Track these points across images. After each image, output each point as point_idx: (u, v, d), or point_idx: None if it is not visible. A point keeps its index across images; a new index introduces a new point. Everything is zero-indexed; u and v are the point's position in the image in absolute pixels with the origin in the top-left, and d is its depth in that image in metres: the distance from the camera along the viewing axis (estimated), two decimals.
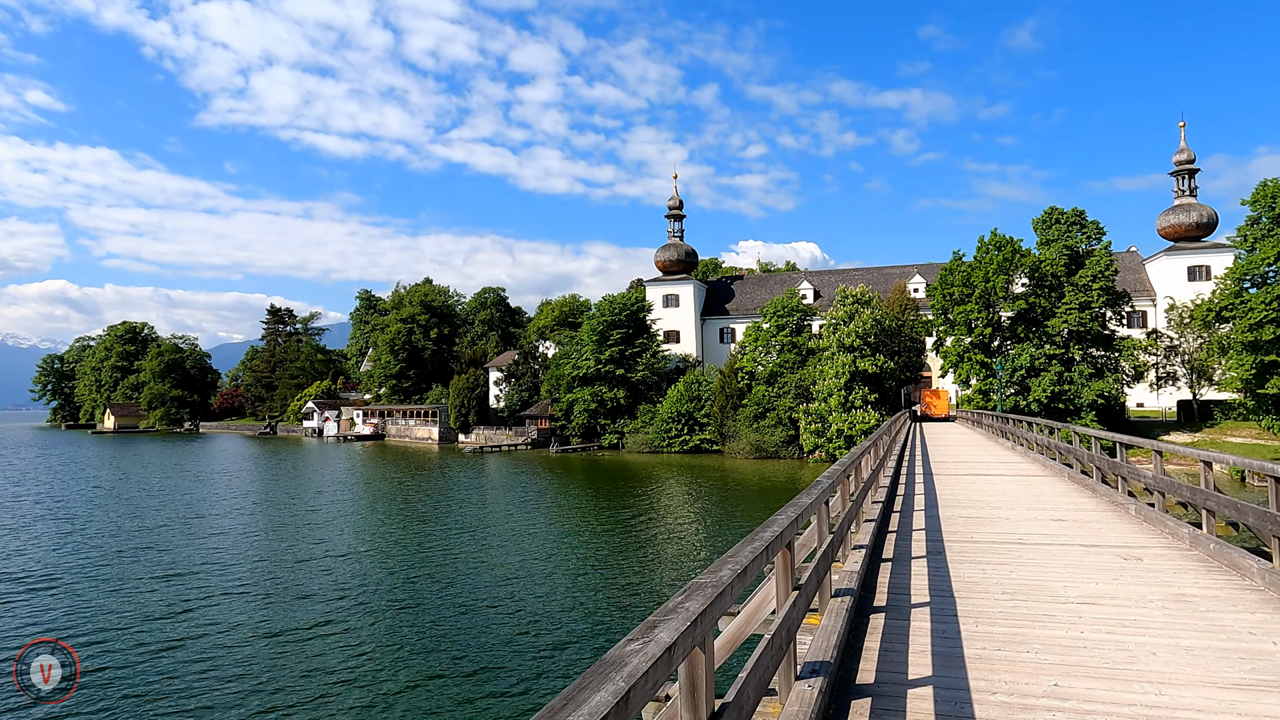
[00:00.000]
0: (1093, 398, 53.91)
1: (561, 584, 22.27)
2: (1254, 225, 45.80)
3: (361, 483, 52.01)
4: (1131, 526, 10.14)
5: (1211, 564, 7.80)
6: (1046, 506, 12.20)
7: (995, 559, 8.31)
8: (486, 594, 20.97)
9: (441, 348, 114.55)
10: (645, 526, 32.37)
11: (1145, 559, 8.15)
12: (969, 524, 10.58)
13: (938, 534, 9.79)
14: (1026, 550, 8.75)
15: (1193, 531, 8.79)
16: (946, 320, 60.56)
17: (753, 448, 64.29)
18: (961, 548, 8.91)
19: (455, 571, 23.99)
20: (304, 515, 36.47)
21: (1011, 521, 10.76)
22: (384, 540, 29.81)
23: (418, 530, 31.95)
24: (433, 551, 27.29)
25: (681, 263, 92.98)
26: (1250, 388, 44.47)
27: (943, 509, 11.94)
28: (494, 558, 26.00)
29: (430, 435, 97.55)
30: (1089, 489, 13.87)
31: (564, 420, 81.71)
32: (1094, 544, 9.01)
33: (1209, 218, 77.57)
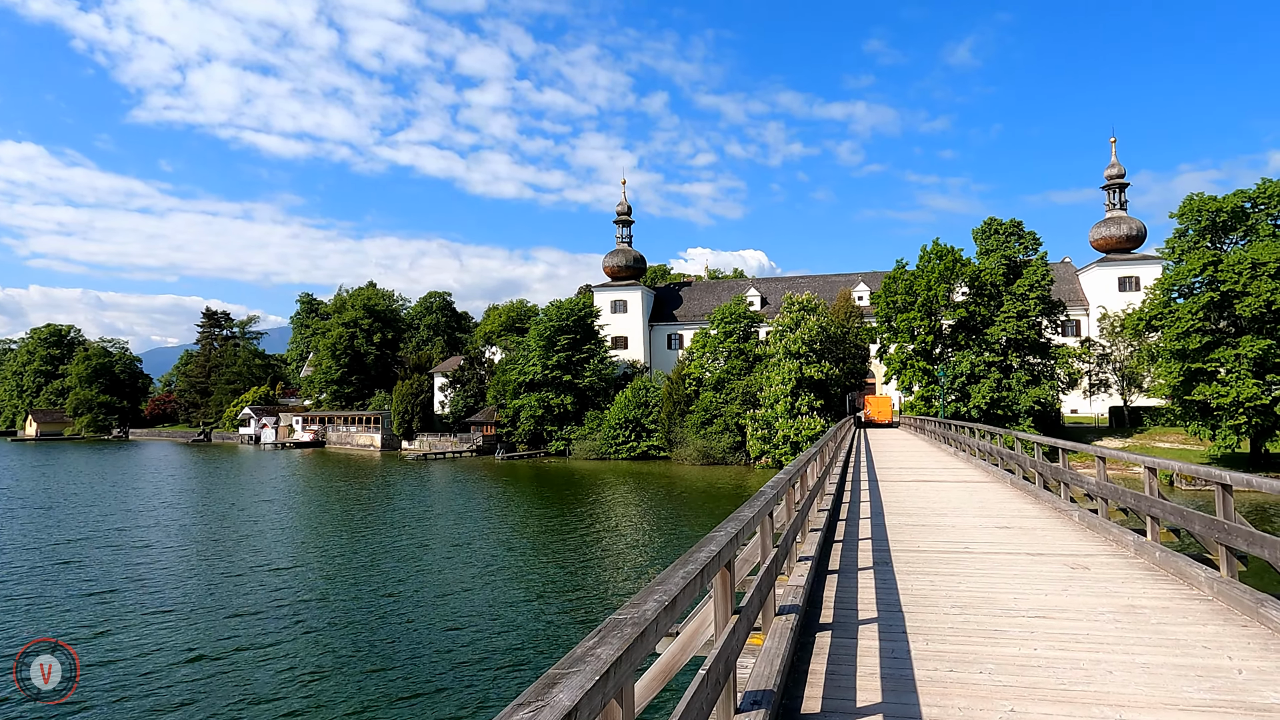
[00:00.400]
0: (1030, 404, 55.17)
1: (504, 598, 21.61)
2: (1181, 238, 47.38)
3: (299, 492, 50.33)
4: (1076, 534, 10.04)
5: (1158, 573, 7.66)
6: (991, 513, 12.10)
7: (943, 569, 8.07)
8: (427, 610, 20.20)
9: (385, 353, 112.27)
10: (590, 536, 31.84)
11: (1093, 568, 7.99)
12: (916, 532, 10.38)
13: (884, 544, 9.54)
14: (974, 560, 8.53)
15: (1137, 539, 8.69)
16: (890, 328, 61.41)
17: (700, 454, 64.22)
18: (909, 558, 8.66)
19: (395, 586, 23.12)
20: (237, 527, 34.98)
21: (958, 529, 10.59)
22: (320, 553, 28.69)
23: (356, 542, 30.86)
24: (372, 565, 26.32)
25: (630, 268, 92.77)
26: (1178, 394, 45.91)
27: (889, 517, 11.74)
28: (435, 571, 25.17)
29: (372, 442, 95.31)
30: (1031, 495, 13.86)
31: (510, 427, 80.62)
32: (1041, 552, 8.85)
33: (1138, 230, 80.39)
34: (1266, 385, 42.43)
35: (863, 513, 12.23)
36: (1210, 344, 44.18)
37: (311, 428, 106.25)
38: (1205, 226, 46.06)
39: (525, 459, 75.20)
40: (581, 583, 23.48)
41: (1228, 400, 42.39)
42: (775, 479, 6.66)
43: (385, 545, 29.82)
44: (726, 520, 4.45)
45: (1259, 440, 44.29)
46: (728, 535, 3.90)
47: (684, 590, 2.85)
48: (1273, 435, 43.37)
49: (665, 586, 2.81)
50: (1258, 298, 41.18)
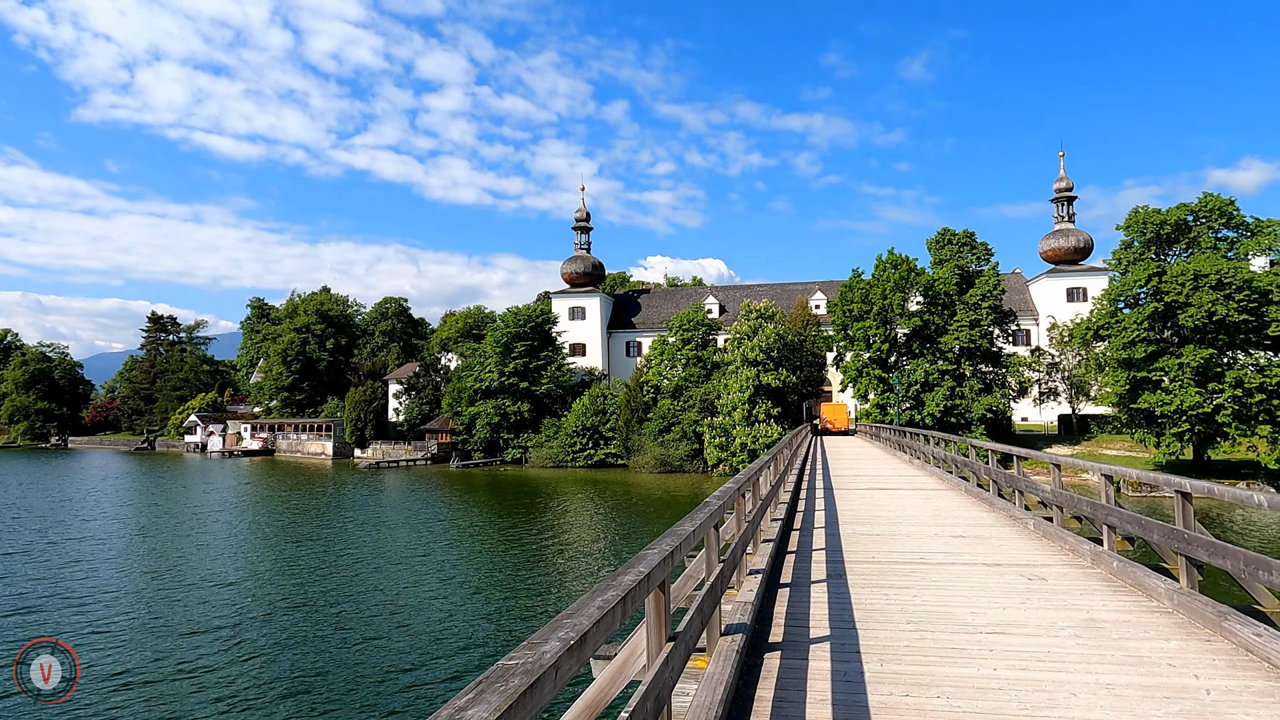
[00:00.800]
0: (982, 412, 55.91)
1: (458, 612, 20.91)
2: (1127, 249, 48.47)
3: (244, 502, 48.72)
4: (1032, 543, 9.84)
5: (1116, 584, 7.44)
6: (946, 522, 11.88)
7: (898, 581, 7.76)
8: (378, 626, 19.42)
9: (338, 359, 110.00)
10: (546, 546, 31.21)
11: (1049, 579, 7.75)
12: (870, 542, 10.08)
13: (838, 554, 9.22)
14: (930, 571, 8.24)
15: (1094, 548, 8.49)
16: (846, 336, 61.83)
17: (657, 462, 63.86)
18: (863, 570, 8.34)
19: (344, 601, 22.24)
20: (176, 540, 33.59)
21: (913, 539, 10.33)
22: (266, 566, 27.61)
23: (303, 555, 29.80)
24: (318, 580, 25.36)
25: (588, 275, 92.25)
26: (1125, 403, 46.83)
27: (843, 526, 11.45)
28: (386, 586, 24.30)
29: (324, 450, 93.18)
30: (986, 503, 13.72)
31: (466, 434, 79.42)
32: (997, 563, 8.60)
33: (1086, 242, 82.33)
34: (1208, 394, 43.49)
35: (817, 521, 11.93)
36: (1155, 353, 45.17)
37: (260, 435, 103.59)
38: (1150, 238, 47.17)
39: (481, 467, 74.09)
40: (536, 595, 22.89)
41: (1171, 408, 43.33)
42: (723, 488, 6.27)
43: (333, 558, 28.85)
44: (663, 536, 4.03)
45: (1201, 447, 45.36)
46: (660, 554, 3.48)
47: (599, 623, 2.42)
48: (1214, 442, 44.44)
49: (575, 620, 2.37)
50: (1200, 308, 42.20)
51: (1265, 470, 43.97)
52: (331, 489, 55.50)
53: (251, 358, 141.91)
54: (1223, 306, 41.78)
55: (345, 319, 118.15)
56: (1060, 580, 7.67)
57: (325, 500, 48.26)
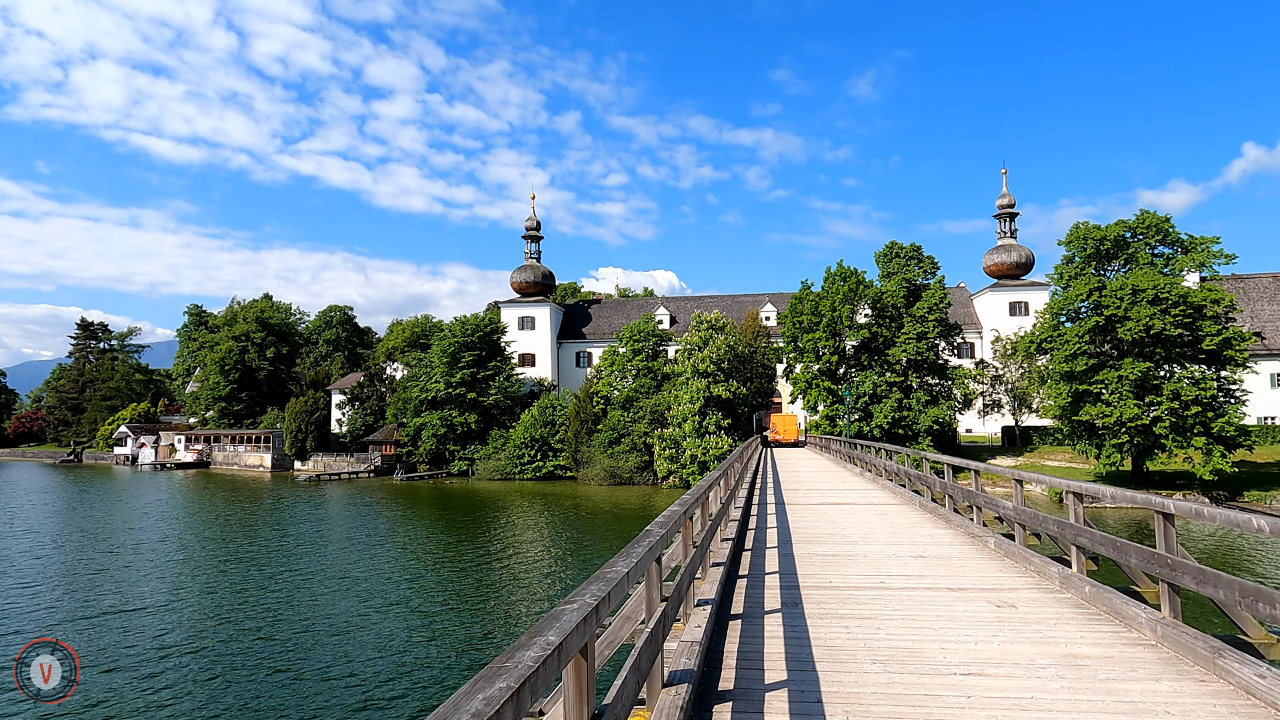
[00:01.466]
0: (929, 423, 56.40)
1: (397, 635, 19.78)
2: (1069, 264, 49.34)
3: (172, 518, 46.38)
4: (995, 564, 9.32)
5: (1090, 611, 6.91)
6: (904, 540, 11.34)
7: (859, 611, 7.11)
8: (313, 653, 18.18)
9: (279, 368, 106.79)
10: (490, 564, 30.11)
11: (1019, 606, 7.18)
12: (826, 564, 9.46)
13: (793, 578, 8.56)
14: (892, 598, 7.62)
15: (1061, 570, 7.98)
16: (796, 348, 61.92)
17: (607, 474, 63.00)
18: (821, 597, 7.68)
19: (278, 626, 20.86)
20: (95, 559, 31.57)
21: (870, 560, 9.73)
22: (191, 591, 25.92)
23: (233, 578, 28.17)
24: (248, 605, 23.82)
25: (538, 285, 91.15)
26: (1067, 414, 47.55)
27: (797, 545, 10.82)
28: (323, 608, 22.94)
29: (262, 463, 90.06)
30: (943, 519, 13.25)
31: (411, 446, 77.50)
32: (962, 587, 8.03)
33: (1027, 258, 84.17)
34: (1146, 406, 44.38)
35: (770, 541, 11.28)
36: (1095, 366, 45.99)
37: (195, 447, 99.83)
38: (1090, 254, 48.09)
39: (426, 479, 72.26)
40: (479, 618, 21.84)
41: (1111, 420, 44.09)
42: (668, 512, 5.55)
43: (264, 582, 27.32)
44: (591, 580, 3.27)
45: (1140, 458, 46.25)
46: (582, 611, 2.72)
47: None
48: (1152, 454, 45.34)
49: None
50: (1138, 322, 43.07)
51: (1200, 481, 45.00)
52: (266, 504, 53.32)
53: (188, 366, 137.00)
54: (1159, 320, 42.70)
55: (287, 327, 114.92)
56: (1031, 607, 7.11)
57: (258, 516, 46.24)
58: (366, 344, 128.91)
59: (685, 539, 6.50)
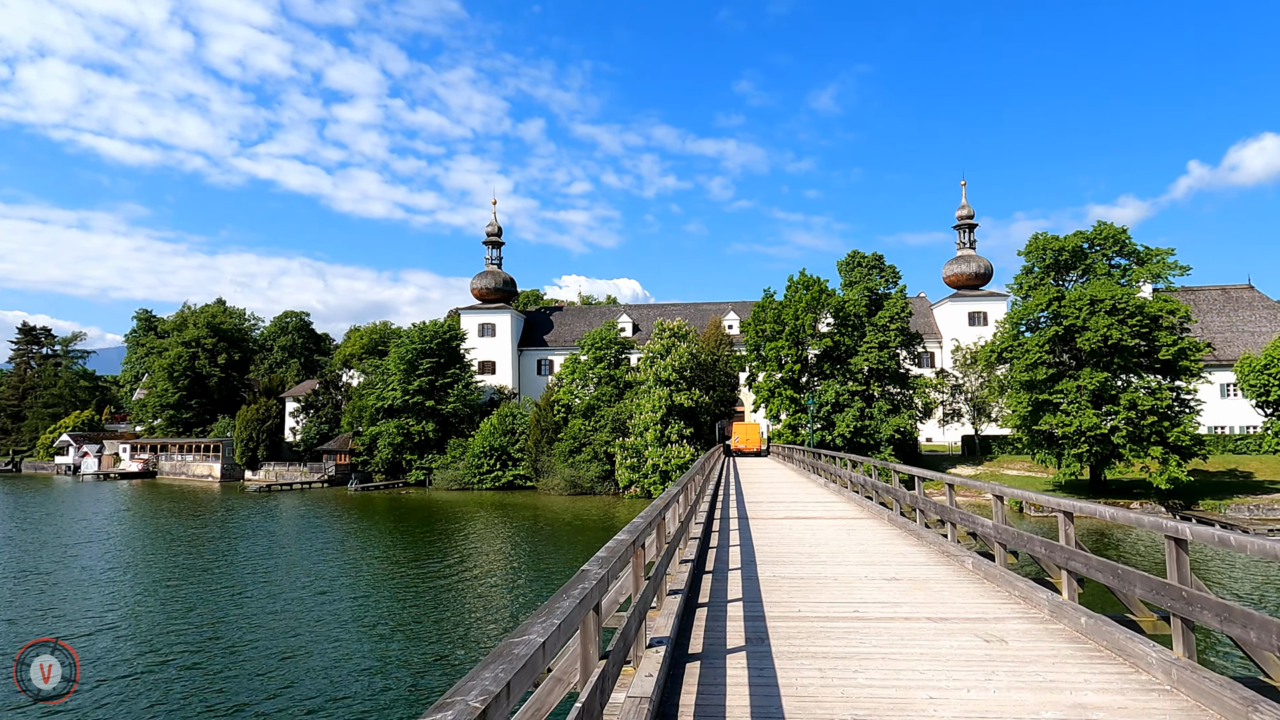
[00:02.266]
0: (891, 433, 56.34)
1: (347, 658, 18.58)
2: (1028, 274, 49.65)
3: (114, 531, 44.21)
4: (975, 587, 8.60)
5: (1089, 647, 6.18)
6: (875, 559, 10.61)
7: (833, 648, 6.31)
8: (259, 679, 16.92)
9: (231, 375, 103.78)
10: (445, 581, 28.91)
11: (1010, 640, 6.44)
12: (794, 589, 8.66)
13: (758, 607, 7.74)
14: (869, 631, 6.83)
15: (1051, 598, 7.27)
16: (759, 356, 61.58)
17: (568, 484, 61.93)
18: (789, 630, 6.86)
19: (213, 652, 19.48)
20: (29, 576, 29.68)
21: (842, 584, 8.96)
22: (127, 611, 24.34)
23: (177, 593, 26.62)
24: (189, 621, 22.41)
25: (499, 291, 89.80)
26: (1026, 424, 47.71)
27: (762, 567, 10.01)
28: (267, 629, 21.59)
29: (211, 472, 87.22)
30: (913, 535, 12.57)
31: (366, 455, 75.62)
32: (944, 616, 7.28)
33: (986, 269, 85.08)
34: (1104, 415, 44.68)
35: (732, 561, 10.47)
36: (1055, 376, 46.25)
37: (141, 456, 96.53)
38: (1049, 264, 48.43)
39: (382, 490, 70.45)
40: (433, 641, 20.70)
41: (1071, 429, 44.30)
42: (612, 545, 4.69)
43: (210, 597, 25.83)
44: (490, 660, 2.38)
45: (1099, 467, 46.54)
46: (481, 698, 1.85)
47: None
48: (1110, 463, 45.65)
49: None
50: (1096, 332, 43.37)
51: (1156, 490, 45.42)
52: (211, 515, 51.26)
53: (137, 373, 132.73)
54: (1117, 330, 43.05)
55: (240, 333, 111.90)
56: (1023, 642, 6.37)
57: (200, 529, 44.31)
58: (324, 351, 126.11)
59: (636, 571, 5.64)
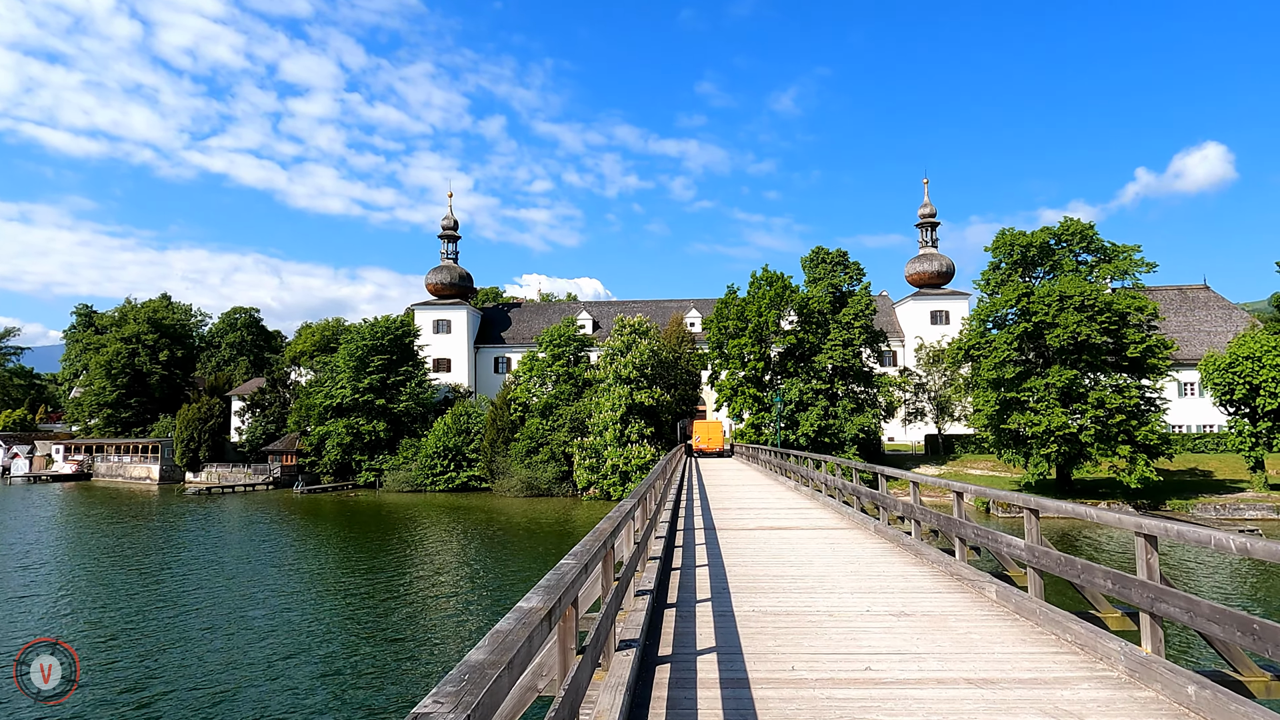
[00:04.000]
0: (855, 432, 55.12)
1: (281, 675, 16.32)
2: (995, 270, 48.74)
3: (40, 539, 40.81)
4: (1011, 628, 6.79)
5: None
6: (872, 584, 8.80)
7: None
8: (190, 695, 14.64)
9: (174, 373, 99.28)
10: (390, 591, 26.63)
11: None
12: (782, 633, 6.79)
13: (738, 664, 5.84)
14: (894, 705, 4.97)
15: (1127, 650, 5.49)
16: (722, 354, 60.00)
17: (524, 485, 59.68)
18: (787, 710, 4.96)
19: (132, 674, 17.07)
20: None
21: (840, 623, 7.11)
22: (45, 621, 21.68)
23: (95, 608, 23.95)
24: (112, 643, 19.85)
25: (455, 286, 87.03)
26: (994, 423, 46.76)
27: (738, 597, 8.13)
28: (195, 648, 19.18)
29: (149, 474, 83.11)
30: (911, 551, 10.80)
31: (315, 456, 72.39)
32: (987, 677, 5.45)
33: (948, 267, 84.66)
34: (1072, 414, 43.89)
35: (701, 589, 8.57)
36: (1023, 374, 45.37)
37: (76, 458, 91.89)
38: (1017, 260, 47.56)
39: (330, 492, 67.42)
40: (377, 657, 18.50)
41: (1040, 429, 43.41)
42: (518, 614, 2.77)
43: (138, 612, 23.24)
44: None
45: (1067, 467, 45.75)
46: None
47: None
48: (1078, 463, 44.87)
49: None
50: (1065, 329, 42.51)
51: (1124, 490, 44.76)
52: (143, 521, 48.00)
53: (76, 370, 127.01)
54: (1086, 327, 42.24)
55: (184, 329, 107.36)
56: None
57: (138, 536, 41.20)
58: (275, 348, 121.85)
59: (563, 643, 3.73)
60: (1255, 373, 42.68)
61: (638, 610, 6.61)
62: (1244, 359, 43.29)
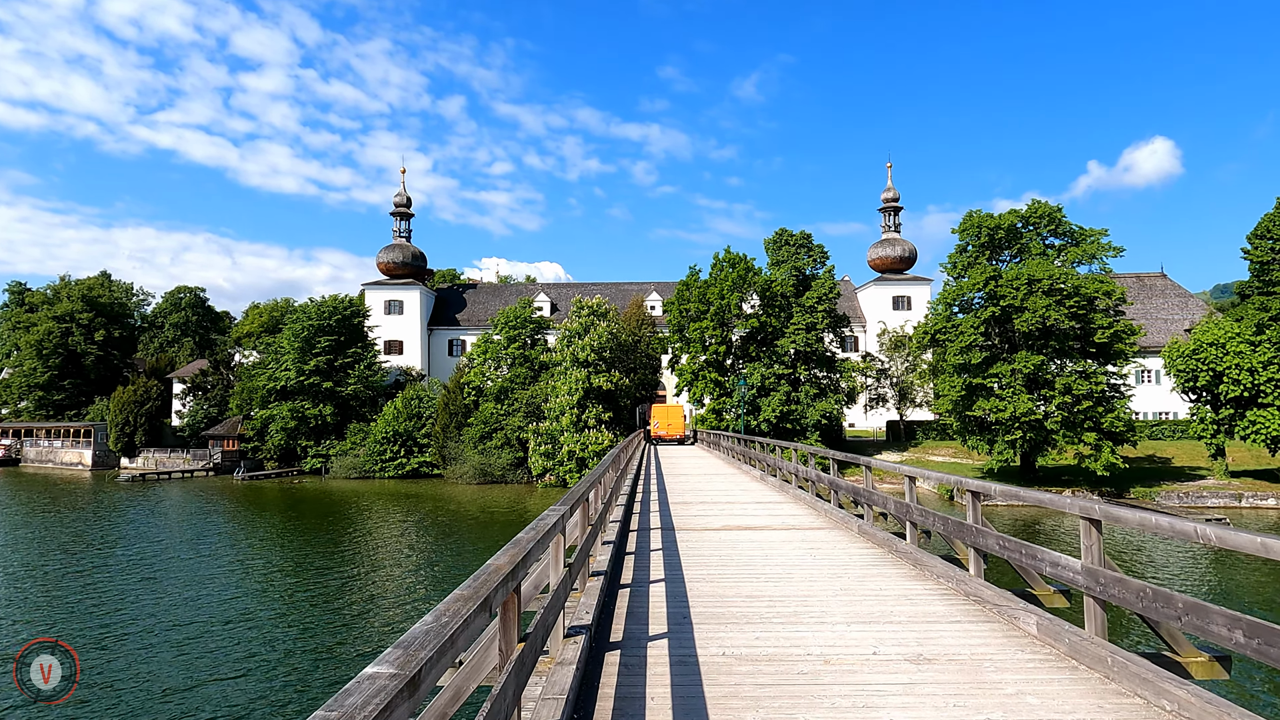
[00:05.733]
0: (817, 418, 53.96)
1: (209, 680, 14.14)
2: (962, 253, 47.69)
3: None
4: (1074, 683, 4.98)
5: None
6: (874, 612, 6.97)
7: None
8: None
9: (111, 354, 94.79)
10: (333, 584, 24.44)
11: None
12: (767, 702, 4.83)
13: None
14: None
15: (1205, 696, 3.81)
16: (682, 337, 58.34)
17: (477, 472, 57.50)
18: None
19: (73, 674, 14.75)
20: None
21: (843, 675, 5.24)
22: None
23: (18, 610, 21.37)
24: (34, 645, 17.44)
25: (408, 265, 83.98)
26: (959, 409, 45.82)
27: (702, 632, 6.24)
28: (113, 657, 16.84)
29: (81, 460, 79.10)
30: (908, 560, 9.08)
31: (257, 441, 69.23)
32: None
33: (910, 252, 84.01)
34: (1039, 400, 43.11)
35: (654, 620, 6.70)
36: (989, 359, 44.46)
37: (3, 442, 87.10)
38: (984, 242, 46.55)
39: (273, 479, 64.48)
40: (307, 652, 16.39)
41: (1006, 415, 42.54)
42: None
43: (60, 609, 20.73)
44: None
45: (1032, 454, 45.00)
46: None
47: None
48: (1044, 449, 44.14)
49: None
50: (1034, 313, 41.61)
51: (1087, 477, 44.21)
52: (80, 509, 44.83)
53: (6, 350, 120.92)
54: (1055, 312, 41.38)
55: (123, 308, 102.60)
56: None
57: (60, 526, 38.20)
58: (222, 329, 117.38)
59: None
60: (1219, 359, 42.24)
61: (564, 664, 4.74)
62: (1208, 345, 42.83)
